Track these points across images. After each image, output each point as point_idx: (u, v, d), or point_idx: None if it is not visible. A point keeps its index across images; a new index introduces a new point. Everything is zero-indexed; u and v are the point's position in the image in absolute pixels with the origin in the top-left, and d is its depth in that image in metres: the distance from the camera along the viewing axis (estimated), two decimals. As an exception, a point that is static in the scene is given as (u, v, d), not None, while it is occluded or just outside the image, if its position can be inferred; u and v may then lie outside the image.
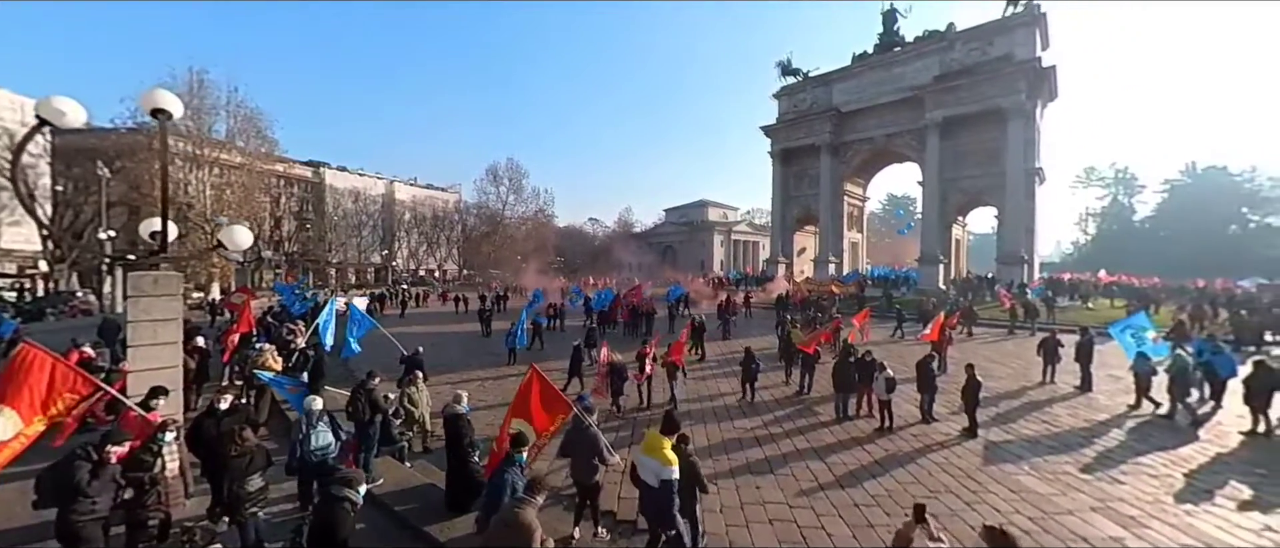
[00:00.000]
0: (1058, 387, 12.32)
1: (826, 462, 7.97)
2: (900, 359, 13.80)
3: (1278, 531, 5.97)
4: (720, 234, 71.71)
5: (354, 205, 60.65)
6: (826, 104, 40.10)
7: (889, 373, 9.37)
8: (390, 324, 25.12)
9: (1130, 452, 8.39)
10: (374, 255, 65.42)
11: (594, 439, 5.58)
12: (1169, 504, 6.61)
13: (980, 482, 7.27)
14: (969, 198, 35.14)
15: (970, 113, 32.33)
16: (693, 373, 14.13)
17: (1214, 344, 10.91)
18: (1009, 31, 31.74)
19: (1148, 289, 30.99)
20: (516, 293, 42.19)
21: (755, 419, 10.05)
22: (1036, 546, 5.66)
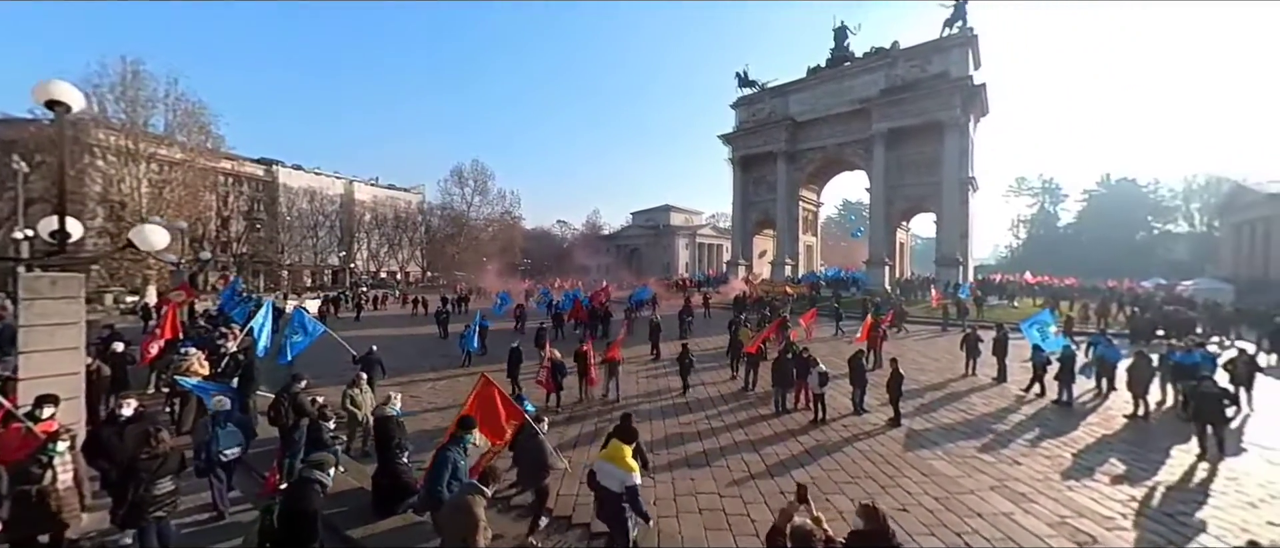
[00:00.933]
0: (978, 378, 13.21)
1: (760, 453, 8.27)
2: (840, 356, 14.41)
3: (1139, 499, 6.66)
4: (684, 237, 72.60)
5: (310, 205, 57.79)
6: (783, 114, 41.39)
7: (822, 368, 9.80)
8: (345, 328, 24.21)
9: (1031, 435, 9.12)
10: (332, 257, 62.50)
11: (541, 447, 5.77)
12: (1056, 481, 7.23)
13: (897, 467, 7.73)
14: (911, 204, 37.07)
15: (911, 125, 34.15)
16: (646, 372, 14.36)
17: (1106, 338, 11.98)
18: (945, 51, 33.76)
19: (1065, 289, 33.59)
20: (479, 295, 41.40)
21: (699, 414, 10.30)
22: (938, 522, 6.09)
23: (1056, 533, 5.82)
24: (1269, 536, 5.77)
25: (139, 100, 27.82)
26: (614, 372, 10.94)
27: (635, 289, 31.03)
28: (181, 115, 29.32)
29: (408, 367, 15.15)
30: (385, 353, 17.33)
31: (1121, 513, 6.29)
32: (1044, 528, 5.94)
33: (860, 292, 33.22)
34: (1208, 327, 19.89)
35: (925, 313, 24.76)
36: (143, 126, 28.35)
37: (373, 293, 41.05)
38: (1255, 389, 10.18)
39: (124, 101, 27.44)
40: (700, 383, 12.89)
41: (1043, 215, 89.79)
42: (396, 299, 39.59)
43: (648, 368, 14.77)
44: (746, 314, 20.31)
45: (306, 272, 61.32)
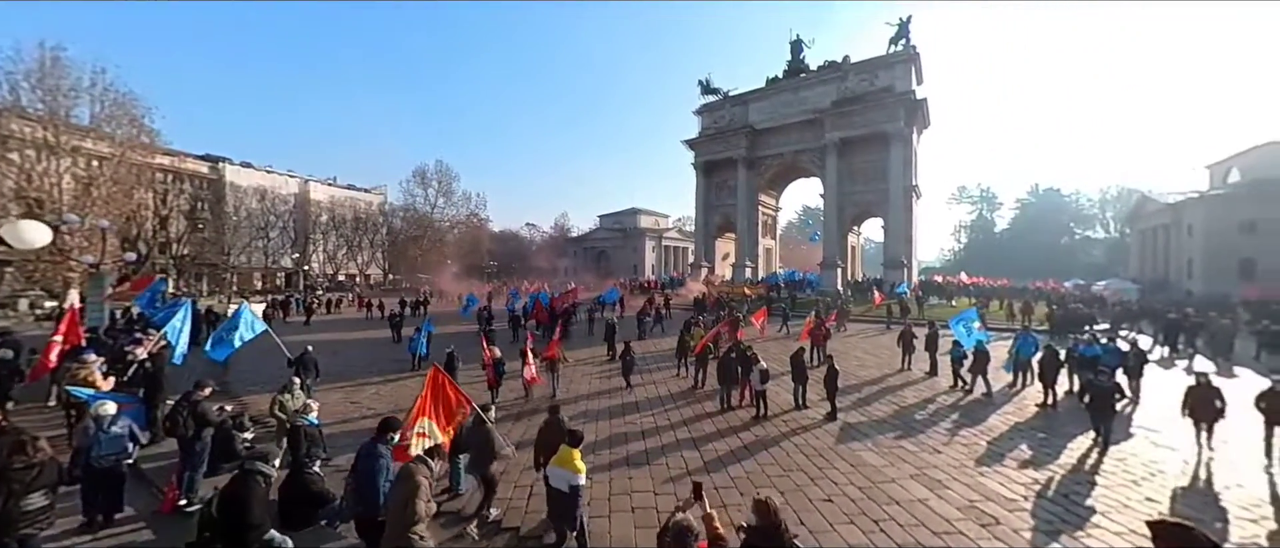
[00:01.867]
0: (912, 373, 13.81)
1: (701, 450, 8.31)
2: (787, 353, 14.75)
3: (1042, 482, 7.09)
4: (651, 240, 72.86)
5: (260, 205, 54.32)
6: (743, 121, 42.28)
7: (763, 366, 9.98)
8: (293, 333, 22.92)
9: (951, 425, 9.58)
10: (285, 259, 58.97)
11: (489, 434, 5.93)
12: (970, 468, 7.61)
13: (828, 459, 7.93)
14: (861, 210, 38.61)
15: (860, 135, 35.61)
16: (600, 372, 14.23)
17: (1026, 334, 12.75)
18: (890, 67, 35.43)
19: (997, 289, 35.78)
20: (440, 297, 40.10)
21: (646, 413, 10.27)
22: (858, 511, 6.27)
23: (965, 517, 6.10)
24: (1146, 510, 6.26)
25: (60, 89, 25.30)
26: (554, 369, 11.03)
27: (604, 291, 31.11)
28: (110, 106, 26.84)
29: (354, 371, 14.44)
30: (333, 358, 16.63)
31: (1023, 495, 6.67)
32: (954, 513, 6.21)
33: (814, 293, 34.22)
34: (1114, 322, 21.70)
35: (877, 312, 25.78)
36: (64, 117, 25.82)
37: (327, 296, 39.03)
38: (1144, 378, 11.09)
39: (42, 90, 24.91)
40: (650, 382, 12.92)
41: (981, 221, 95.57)
42: (352, 302, 37.76)
43: (602, 368, 14.66)
44: (704, 315, 20.51)
45: (257, 274, 57.65)
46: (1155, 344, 17.68)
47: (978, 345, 11.23)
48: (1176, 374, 13.83)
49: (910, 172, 35.61)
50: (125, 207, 30.32)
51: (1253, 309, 21.70)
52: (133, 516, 5.47)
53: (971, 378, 11.36)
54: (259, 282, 57.04)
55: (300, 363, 9.78)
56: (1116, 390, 7.86)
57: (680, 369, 13.46)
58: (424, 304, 31.25)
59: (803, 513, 6.21)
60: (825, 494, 6.72)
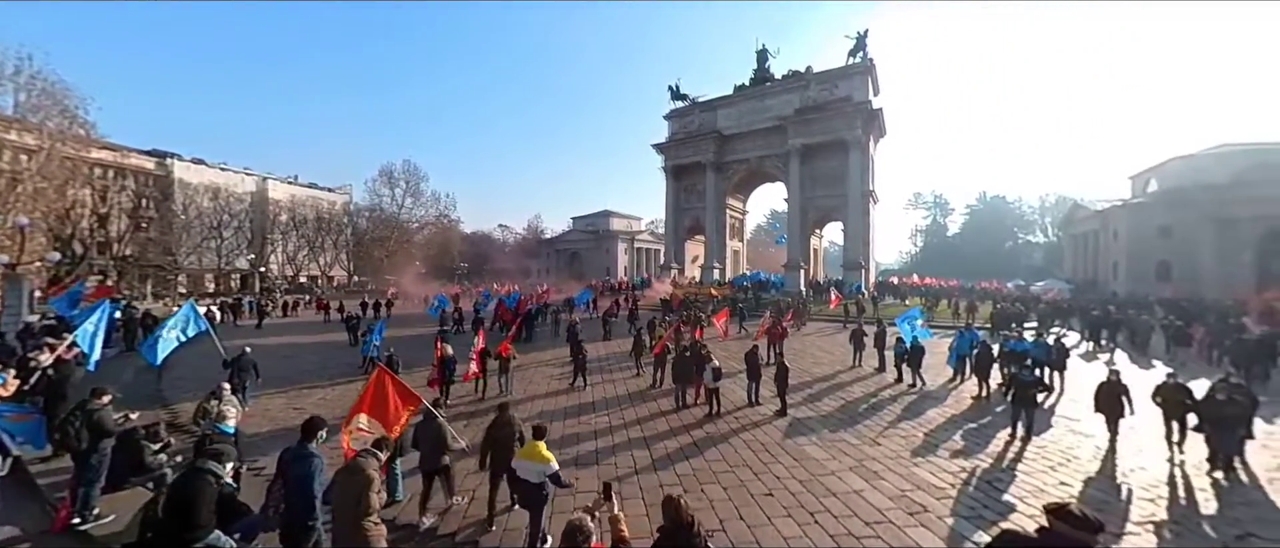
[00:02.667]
0: (862, 369, 14.20)
1: (651, 448, 8.25)
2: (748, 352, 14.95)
3: (970, 470, 7.37)
4: (624, 242, 72.68)
5: (212, 204, 51.12)
6: (711, 127, 42.77)
7: (715, 364, 10.02)
8: (244, 336, 21.66)
9: (892, 418, 9.88)
10: (240, 260, 55.69)
11: (440, 429, 5.95)
12: (906, 458, 7.83)
13: (773, 454, 8.01)
14: (823, 213, 39.67)
15: (821, 142, 36.61)
16: (562, 372, 13.96)
17: (965, 331, 13.32)
18: (849, 77, 36.61)
19: (947, 289, 37.42)
20: (405, 299, 38.80)
21: (601, 413, 10.15)
22: (797, 504, 6.33)
23: (895, 506, 6.25)
24: (1059, 494, 6.58)
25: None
26: (505, 369, 11.06)
27: (577, 293, 31.18)
28: (37, 96, 24.63)
29: (302, 376, 13.70)
30: (282, 362, 15.78)
31: (951, 484, 6.91)
32: (886, 503, 6.36)
33: (779, 293, 34.90)
34: (1048, 319, 23.09)
35: (830, 312, 26.50)
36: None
37: (285, 298, 37.08)
38: (1068, 370, 11.77)
39: (-44, 76, 22.65)
40: (609, 382, 12.80)
41: (935, 226, 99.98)
42: (311, 304, 36.02)
43: (563, 369, 14.39)
44: (669, 316, 20.54)
45: (208, 275, 54.22)
46: (1082, 339, 18.89)
47: (913, 342, 11.65)
48: (1098, 367, 14.76)
49: (867, 178, 36.82)
50: (56, 203, 27.94)
51: (1167, 307, 23.46)
52: (16, 536, 4.92)
53: (911, 372, 11.79)
54: (212, 283, 53.66)
55: (237, 365, 9.17)
56: (1037, 384, 8.27)
57: (638, 369, 13.40)
58: (388, 305, 30.10)
59: (743, 508, 6.23)
60: (767, 489, 6.76)
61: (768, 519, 5.95)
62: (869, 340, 14.63)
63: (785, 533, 5.64)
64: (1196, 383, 11.42)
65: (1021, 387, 8.08)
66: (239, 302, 29.07)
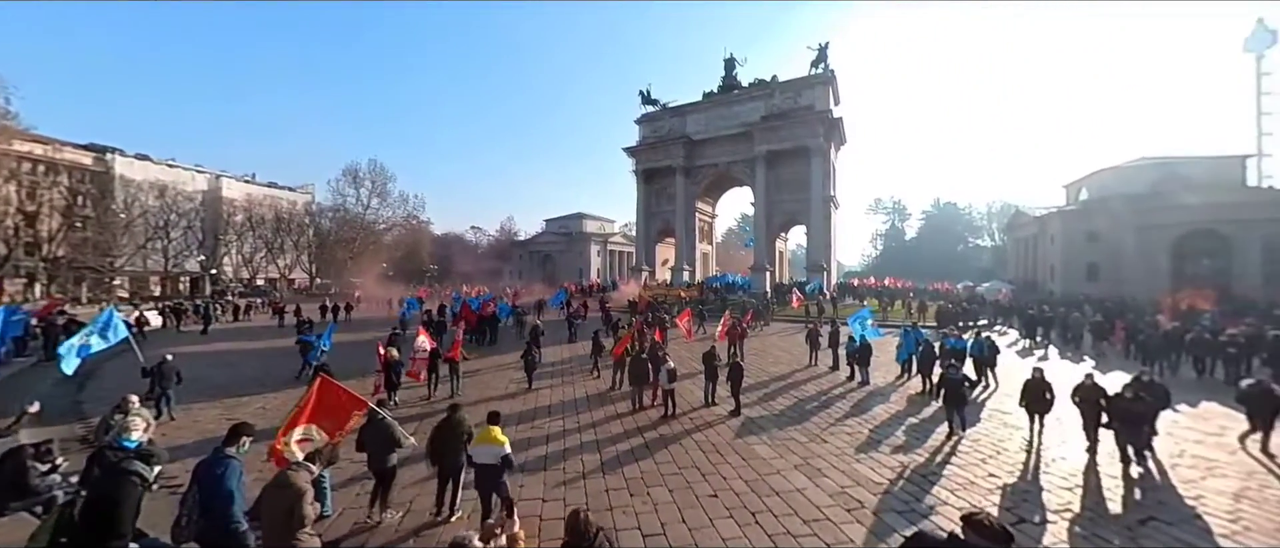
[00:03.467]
0: (817, 368, 14.46)
1: (602, 452, 8.07)
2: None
3: (908, 465, 7.53)
4: (597, 244, 72.28)
5: (159, 202, 47.67)
6: (680, 132, 43.07)
7: (671, 366, 9.94)
8: (187, 342, 20.28)
9: (840, 415, 10.05)
10: (190, 262, 52.17)
11: (388, 428, 5.86)
12: (849, 455, 7.95)
13: (722, 454, 7.98)
14: (787, 217, 40.55)
15: (786, 149, 37.44)
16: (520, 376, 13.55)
17: (912, 329, 13.72)
18: (812, 87, 37.61)
19: (902, 291, 38.82)
20: (370, 302, 37.27)
21: (556, 417, 9.91)
22: (739, 504, 6.29)
23: (834, 504, 6.30)
24: (989, 485, 6.81)
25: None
26: (455, 371, 11.10)
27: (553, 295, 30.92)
28: (-52, 83, 22.34)
29: (242, 385, 12.80)
30: (224, 369, 14.78)
31: (890, 479, 7.04)
32: (826, 500, 6.40)
33: (746, 295, 35.37)
34: (991, 318, 24.34)
35: (793, 313, 27.05)
36: None
37: (237, 302, 34.90)
38: (1000, 367, 12.30)
39: None
40: (568, 384, 12.57)
41: (893, 230, 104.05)
42: (266, 308, 34.07)
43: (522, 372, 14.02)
44: (634, 317, 20.40)
45: (154, 278, 50.53)
46: (1020, 337, 19.93)
47: (861, 341, 11.96)
48: (1032, 362, 15.57)
49: (829, 183, 37.88)
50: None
51: (1095, 306, 25.05)
52: None
53: (860, 370, 12.11)
54: (158, 287, 50.02)
55: (158, 373, 8.44)
56: (964, 382, 8.55)
57: (596, 371, 13.21)
58: (347, 309, 28.75)
59: (686, 510, 6.14)
60: (712, 490, 6.70)
61: (710, 521, 5.87)
62: (824, 340, 14.93)
63: (725, 535, 5.58)
64: (1115, 375, 12.21)
65: (950, 385, 8.34)
66: (180, 307, 27.00)
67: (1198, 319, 18.49)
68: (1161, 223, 35.92)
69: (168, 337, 22.97)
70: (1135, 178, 39.57)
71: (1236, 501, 6.34)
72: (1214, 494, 6.53)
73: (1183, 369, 13.98)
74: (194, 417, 9.90)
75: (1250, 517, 5.93)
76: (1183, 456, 7.85)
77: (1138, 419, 6.83)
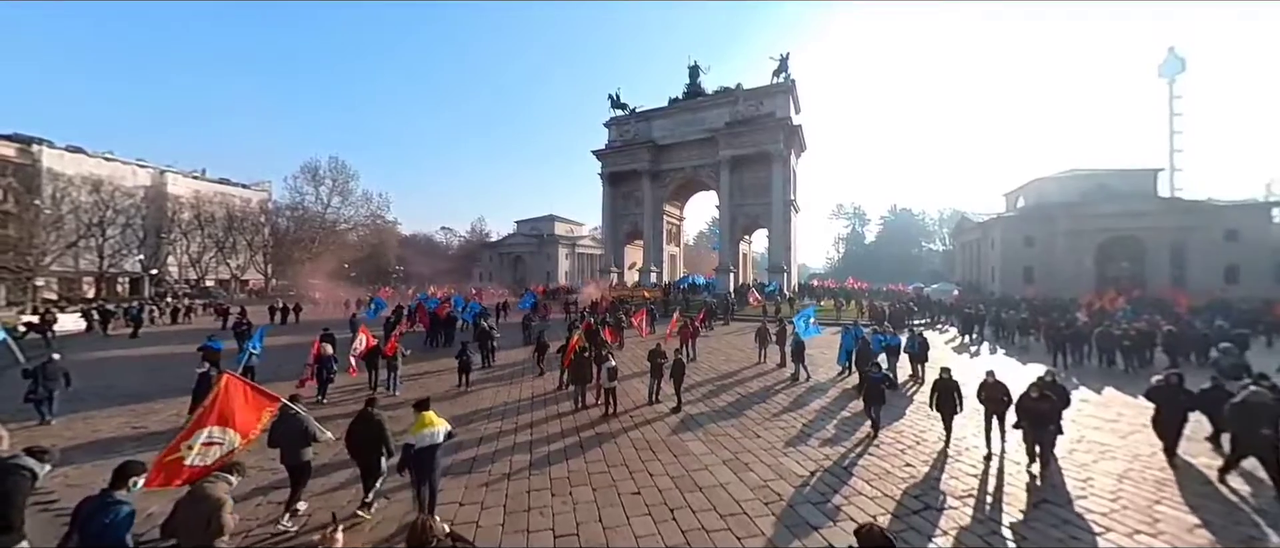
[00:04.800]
0: (765, 365, 14.64)
1: (532, 453, 7.83)
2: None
3: (833, 458, 7.63)
4: (566, 247, 71.60)
5: (93, 198, 43.94)
6: (647, 136, 43.17)
7: (611, 364, 9.79)
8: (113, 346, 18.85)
9: (777, 410, 10.16)
10: (129, 261, 48.29)
11: (302, 422, 5.71)
12: (779, 449, 7.99)
13: (655, 451, 7.88)
14: (751, 221, 41.23)
15: (749, 154, 38.11)
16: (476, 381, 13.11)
17: (852, 326, 14.07)
18: (773, 95, 38.46)
19: (856, 291, 40.13)
20: (328, 303, 35.52)
21: (495, 419, 9.61)
22: (660, 501, 6.18)
23: (754, 497, 6.29)
24: (905, 475, 6.96)
25: None
26: (393, 367, 11.04)
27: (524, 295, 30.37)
28: None
29: (160, 390, 11.78)
30: (145, 374, 13.71)
31: (812, 472, 7.10)
32: (748, 494, 6.39)
33: (710, 295, 35.69)
34: (934, 316, 25.48)
35: (752, 312, 27.47)
36: None
37: (177, 304, 32.55)
38: (929, 362, 12.77)
39: None
40: (516, 384, 12.23)
41: (854, 234, 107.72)
42: (210, 310, 31.91)
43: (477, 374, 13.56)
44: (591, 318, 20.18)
45: (91, 279, 46.52)
46: (958, 333, 20.88)
47: (796, 338, 12.23)
48: (965, 357, 16.31)
49: (789, 188, 38.75)
50: None
51: (1030, 305, 26.59)
52: None
53: (796, 365, 12.38)
54: (92, 288, 46.05)
55: (41, 374, 7.70)
56: (884, 382, 8.71)
57: (540, 371, 12.96)
58: (296, 311, 27.24)
59: (605, 508, 5.99)
60: (637, 487, 6.59)
61: (626, 519, 5.75)
62: (773, 338, 15.14)
63: (639, 532, 5.46)
64: (1034, 368, 12.87)
65: (871, 384, 8.47)
66: (108, 308, 24.90)
67: (1113, 317, 19.89)
68: (1087, 229, 38.59)
69: (93, 340, 21.17)
70: (1067, 187, 42.39)
71: (1119, 481, 6.72)
72: (1102, 476, 6.90)
73: (1090, 361, 14.95)
74: (94, 425, 9.03)
75: (1129, 496, 6.29)
76: (1082, 441, 8.30)
77: (1042, 418, 6.87)
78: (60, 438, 8.11)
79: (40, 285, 40.23)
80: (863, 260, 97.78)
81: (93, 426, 9.02)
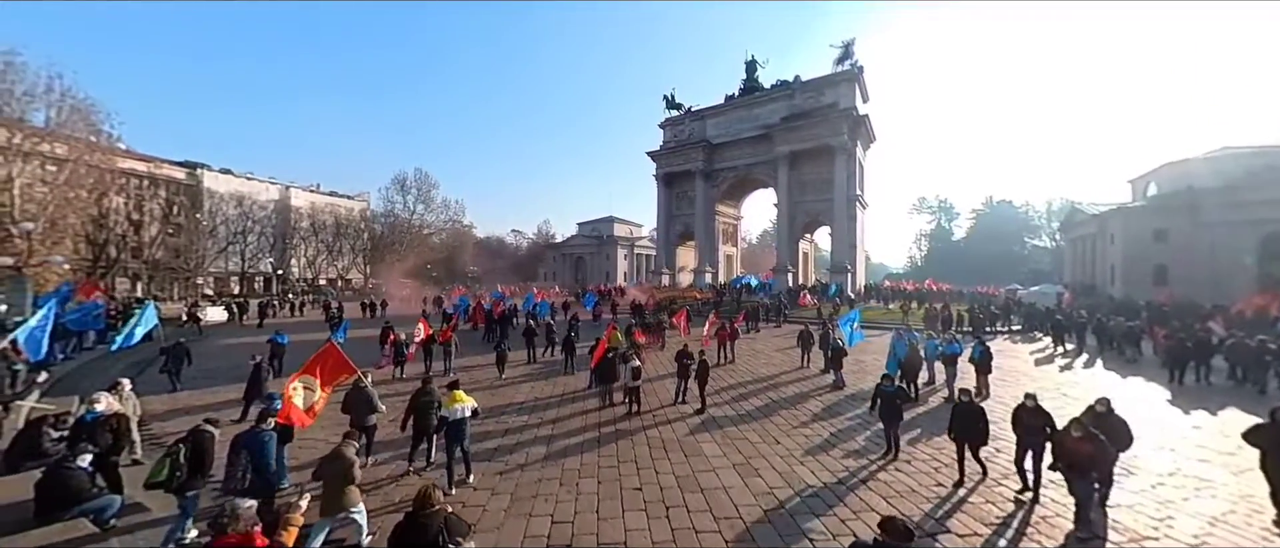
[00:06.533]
0: (808, 370, 13.98)
1: (549, 446, 8.30)
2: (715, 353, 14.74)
3: (852, 470, 7.22)
4: (625, 248, 72.97)
5: (237, 211, 53.22)
6: (701, 136, 42.73)
7: (635, 364, 10.02)
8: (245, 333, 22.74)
9: (808, 417, 9.75)
10: (263, 263, 57.81)
11: (369, 396, 7.35)
12: (796, 457, 7.72)
13: (668, 450, 8.01)
14: (811, 218, 39.14)
15: (808, 148, 36.23)
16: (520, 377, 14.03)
17: (907, 332, 12.96)
18: (835, 85, 36.19)
19: (933, 293, 36.30)
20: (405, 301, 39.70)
21: (522, 413, 10.18)
22: (658, 499, 6.31)
23: (756, 503, 6.22)
24: (930, 493, 6.42)
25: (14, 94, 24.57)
26: (448, 353, 13.59)
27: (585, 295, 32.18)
28: (66, 112, 26.15)
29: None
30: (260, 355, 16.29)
31: (827, 483, 6.80)
32: (749, 499, 6.31)
33: (766, 296, 34.53)
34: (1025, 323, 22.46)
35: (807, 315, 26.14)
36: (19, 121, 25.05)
37: (297, 299, 38.41)
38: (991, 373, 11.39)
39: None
40: (551, 381, 12.89)
41: (939, 230, 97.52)
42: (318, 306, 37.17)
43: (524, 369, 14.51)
44: (637, 319, 20.59)
45: (235, 278, 56.46)
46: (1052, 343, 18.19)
47: (834, 343, 11.53)
48: (1052, 371, 14.25)
49: (854, 183, 36.24)
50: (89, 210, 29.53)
51: (1151, 311, 22.38)
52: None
53: (834, 372, 11.69)
54: (237, 285, 55.81)
55: (171, 353, 11.02)
56: (900, 395, 7.85)
57: (568, 368, 13.57)
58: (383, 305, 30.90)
59: (605, 502, 6.26)
60: (640, 483, 6.78)
61: (622, 512, 5.97)
62: (816, 342, 14.41)
63: (630, 525, 5.66)
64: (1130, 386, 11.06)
65: (885, 399, 7.73)
66: (243, 302, 30.18)
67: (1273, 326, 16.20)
68: (1248, 219, 31.48)
69: (231, 329, 25.68)
70: (1220, 169, 34.81)
71: (1211, 525, 5.63)
72: (1188, 517, 5.82)
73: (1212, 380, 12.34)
74: (214, 394, 11.13)
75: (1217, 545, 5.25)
76: (1175, 474, 7.02)
77: (1082, 465, 5.17)
78: (180, 400, 10.26)
79: (200, 283, 49.53)
80: (950, 259, 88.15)
81: (214, 394, 11.11)
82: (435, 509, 3.59)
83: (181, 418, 9.42)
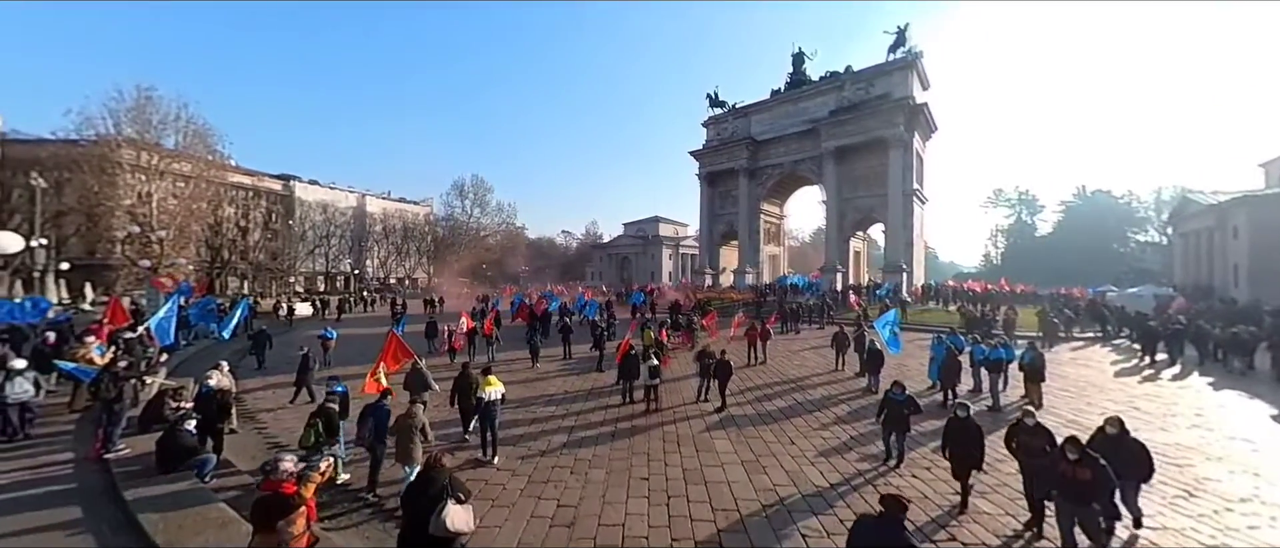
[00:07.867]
0: (842, 373, 13.56)
1: (570, 436, 8.83)
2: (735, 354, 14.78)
3: (864, 473, 7.10)
4: (669, 248, 73.14)
5: (322, 217, 59.89)
6: (745, 133, 41.96)
7: (652, 363, 10.34)
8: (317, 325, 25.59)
9: (830, 420, 9.58)
10: (344, 264, 64.65)
11: (425, 376, 9.24)
12: (809, 458, 7.70)
13: (681, 445, 8.27)
14: (862, 215, 37.17)
15: (858, 142, 34.46)
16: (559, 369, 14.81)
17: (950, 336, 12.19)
18: (888, 74, 34.11)
19: (1003, 295, 33.12)
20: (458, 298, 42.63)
21: (550, 406, 10.75)
22: (661, 489, 6.61)
23: (757, 499, 6.34)
24: (944, 502, 6.21)
25: (151, 123, 29.56)
26: (489, 342, 15.51)
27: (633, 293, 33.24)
28: (191, 136, 31.07)
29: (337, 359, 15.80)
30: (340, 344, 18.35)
31: (835, 484, 6.76)
32: (751, 495, 6.45)
33: (811, 297, 33.37)
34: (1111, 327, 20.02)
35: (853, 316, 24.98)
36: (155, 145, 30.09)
37: (370, 295, 42.66)
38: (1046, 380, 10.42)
39: (138, 124, 29.15)
40: (581, 377, 13.49)
41: (1020, 226, 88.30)
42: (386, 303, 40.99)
43: (563, 364, 15.30)
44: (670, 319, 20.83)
45: (320, 277, 63.54)
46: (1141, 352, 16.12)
47: (870, 347, 11.08)
48: (1134, 383, 12.74)
49: (911, 177, 33.95)
50: (206, 219, 34.86)
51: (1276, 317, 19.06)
52: (72, 458, 6.85)
53: (869, 377, 11.24)
54: (322, 284, 62.78)
55: (257, 340, 13.34)
56: (908, 407, 7.36)
57: (599, 366, 14.04)
58: (441, 302, 33.54)
59: (611, 489, 6.65)
60: (647, 474, 7.11)
61: (625, 499, 6.34)
62: (851, 344, 13.93)
63: (630, 511, 6.03)
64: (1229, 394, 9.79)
65: (891, 406, 7.35)
66: (325, 299, 34.08)
67: None
68: None
69: (315, 322, 29.07)
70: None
71: None
72: (1227, 531, 5.18)
73: None
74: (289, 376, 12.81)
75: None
76: (1251, 500, 6.21)
77: (1082, 492, 4.55)
78: (269, 383, 12.09)
79: (292, 282, 56.20)
80: (1033, 257, 79.57)
81: (288, 377, 12.78)
82: (442, 468, 4.21)
83: (265, 394, 11.12)
